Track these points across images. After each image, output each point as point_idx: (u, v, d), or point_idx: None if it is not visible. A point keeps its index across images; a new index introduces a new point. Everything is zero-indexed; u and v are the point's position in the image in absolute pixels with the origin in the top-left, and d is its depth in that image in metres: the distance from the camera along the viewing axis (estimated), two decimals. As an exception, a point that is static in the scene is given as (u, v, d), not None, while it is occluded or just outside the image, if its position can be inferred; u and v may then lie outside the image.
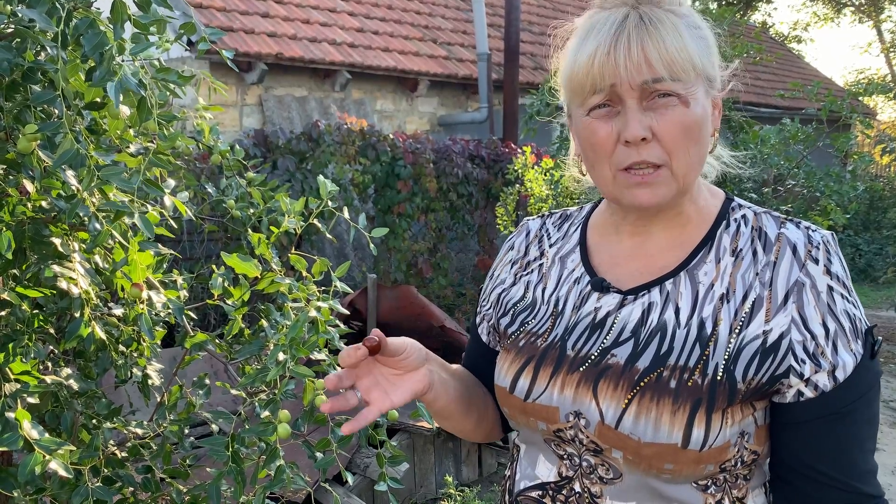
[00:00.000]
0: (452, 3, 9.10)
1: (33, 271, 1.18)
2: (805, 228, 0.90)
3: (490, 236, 6.12)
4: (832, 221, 4.30)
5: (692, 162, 0.88)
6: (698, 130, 0.87)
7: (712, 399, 0.84)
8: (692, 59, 0.85)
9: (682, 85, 0.85)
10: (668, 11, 0.87)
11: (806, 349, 0.84)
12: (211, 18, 5.99)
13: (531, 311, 1.02)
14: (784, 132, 5.19)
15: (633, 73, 0.84)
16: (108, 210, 1.08)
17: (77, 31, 1.05)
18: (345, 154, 4.89)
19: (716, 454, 0.84)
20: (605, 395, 0.88)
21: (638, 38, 0.85)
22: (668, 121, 0.85)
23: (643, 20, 0.86)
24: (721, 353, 0.86)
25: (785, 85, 11.43)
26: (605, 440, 0.88)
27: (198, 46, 1.32)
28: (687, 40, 0.86)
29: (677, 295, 0.91)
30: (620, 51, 0.85)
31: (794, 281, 0.86)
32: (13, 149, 1.22)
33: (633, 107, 0.85)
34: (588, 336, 0.94)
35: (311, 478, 2.68)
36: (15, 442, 0.98)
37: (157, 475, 1.43)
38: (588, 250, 1.02)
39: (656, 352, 0.88)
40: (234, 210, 1.72)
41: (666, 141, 0.86)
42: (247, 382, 1.18)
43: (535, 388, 0.94)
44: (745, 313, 0.87)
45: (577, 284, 0.99)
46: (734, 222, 0.94)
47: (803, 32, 23.50)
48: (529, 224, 1.12)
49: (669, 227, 0.95)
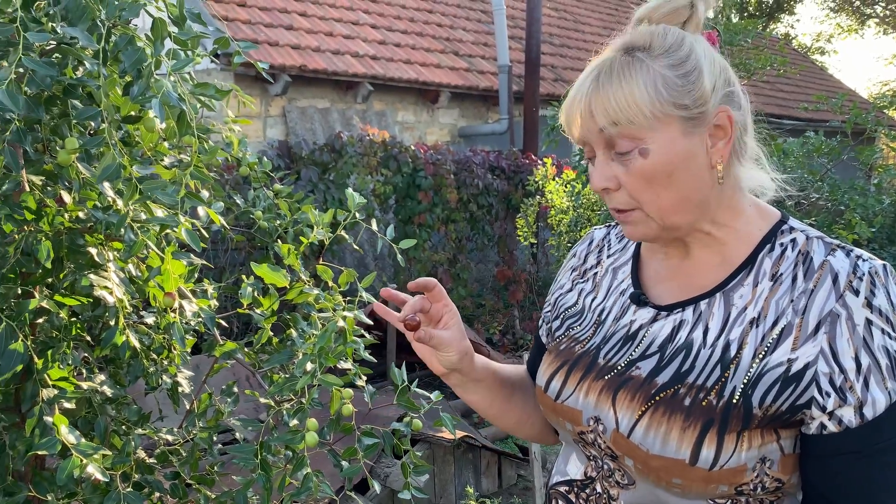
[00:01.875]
0: (474, 16, 9.16)
1: (70, 280, 1.21)
2: (855, 257, 0.87)
3: (510, 247, 6.13)
4: (857, 235, 4.26)
5: (668, 203, 0.89)
6: (665, 177, 0.87)
7: (725, 421, 0.84)
8: (638, 105, 0.85)
9: (637, 131, 0.86)
10: (645, 54, 0.88)
11: (832, 382, 0.82)
12: (236, 31, 6.09)
13: (579, 317, 1.06)
14: (807, 145, 5.15)
15: (587, 126, 0.89)
16: (144, 222, 1.11)
17: (116, 48, 1.08)
18: (367, 165, 4.93)
19: (728, 475, 0.84)
20: (623, 404, 0.91)
21: (589, 90, 0.88)
22: (629, 172, 0.88)
23: (606, 71, 0.88)
24: (741, 377, 0.86)
25: (808, 97, 11.35)
26: (619, 447, 0.91)
27: (233, 59, 1.35)
28: (637, 88, 0.85)
29: (709, 315, 0.91)
30: (575, 103, 0.90)
31: (829, 311, 0.84)
32: (52, 161, 1.26)
33: (599, 158, 0.91)
34: (620, 347, 0.97)
35: (333, 486, 2.69)
36: (53, 446, 1.01)
37: (184, 481, 1.46)
38: (640, 264, 1.05)
39: (678, 369, 0.90)
40: (262, 221, 1.75)
41: (630, 190, 0.89)
42: (276, 391, 1.20)
43: (564, 390, 0.99)
44: (773, 339, 0.86)
45: (621, 296, 1.02)
46: (780, 246, 0.92)
47: (826, 44, 23.32)
48: (594, 233, 1.15)
49: (705, 246, 0.95)
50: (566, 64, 9.17)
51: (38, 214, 1.17)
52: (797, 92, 12.44)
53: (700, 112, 0.87)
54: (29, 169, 1.21)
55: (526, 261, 6.38)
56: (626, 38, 0.92)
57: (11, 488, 1.19)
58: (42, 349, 1.16)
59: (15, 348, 1.06)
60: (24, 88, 1.05)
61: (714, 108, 0.88)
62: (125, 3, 1.07)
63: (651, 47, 0.89)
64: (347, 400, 1.31)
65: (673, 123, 0.87)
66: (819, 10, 40.92)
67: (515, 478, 3.79)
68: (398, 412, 3.07)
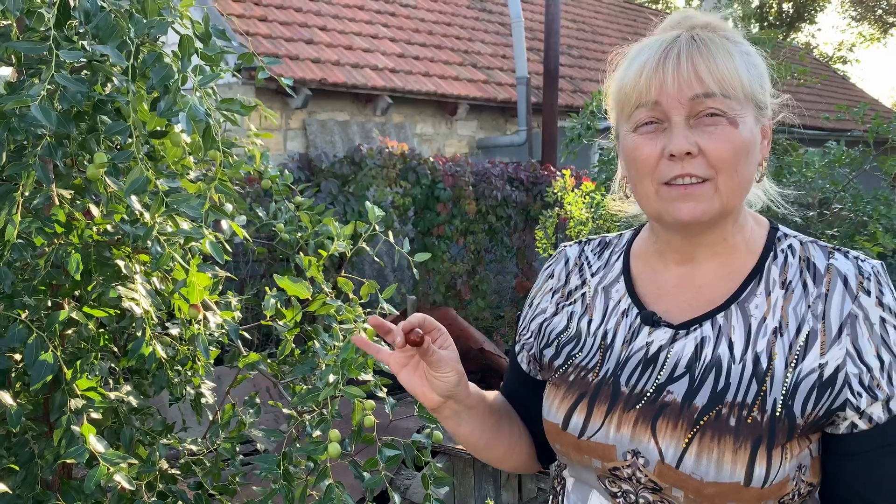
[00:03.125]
0: (492, 28, 9.21)
1: (98, 292, 1.23)
2: (854, 258, 0.89)
3: (529, 259, 6.12)
4: (881, 247, 4.20)
5: (738, 183, 0.87)
6: (745, 153, 0.86)
7: (772, 435, 0.83)
8: (742, 81, 0.86)
9: (732, 104, 0.85)
10: (722, 37, 0.88)
11: (862, 382, 0.84)
12: (257, 46, 6.17)
13: (577, 343, 1.00)
14: (829, 155, 5.10)
15: (683, 88, 0.85)
16: (170, 234, 1.13)
17: (145, 65, 1.11)
18: (386, 177, 4.96)
19: (776, 489, 0.84)
20: (665, 434, 0.87)
21: (688, 54, 0.85)
22: (716, 138, 0.85)
23: (695, 40, 0.87)
24: (779, 389, 0.85)
25: (830, 106, 11.24)
26: (665, 479, 0.87)
27: (257, 74, 1.38)
28: (738, 62, 0.86)
29: (730, 329, 0.90)
30: (669, 65, 0.85)
31: (848, 313, 0.85)
32: (80, 175, 1.29)
33: (679, 123, 0.86)
34: (641, 372, 0.92)
35: (353, 498, 2.70)
36: (82, 455, 1.03)
37: (207, 491, 1.47)
38: (633, 280, 1.00)
39: (713, 388, 0.87)
40: (283, 233, 1.77)
41: (713, 157, 0.85)
42: (299, 402, 1.21)
43: (589, 426, 0.92)
44: (800, 347, 0.86)
45: (625, 317, 0.97)
46: (781, 253, 0.92)
47: (849, 53, 23.11)
48: (567, 251, 1.09)
49: (716, 255, 0.93)
50: (584, 75, 9.18)
51: (68, 228, 1.20)
52: (819, 101, 12.33)
53: (765, 108, 0.90)
54: (59, 183, 1.23)
55: (545, 272, 6.35)
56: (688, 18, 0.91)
57: (40, 497, 1.21)
58: (71, 360, 1.19)
59: (45, 359, 1.08)
60: (55, 104, 1.07)
61: (770, 108, 0.91)
62: (153, 21, 1.10)
63: (727, 32, 0.89)
64: (370, 411, 1.32)
65: (751, 109, 0.88)
66: (840, 19, 40.62)
67: (535, 491, 3.77)
68: (417, 424, 3.07)
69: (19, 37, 1.15)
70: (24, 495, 1.21)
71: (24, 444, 1.25)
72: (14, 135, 1.06)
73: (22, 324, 1.11)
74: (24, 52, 1.05)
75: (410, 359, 0.95)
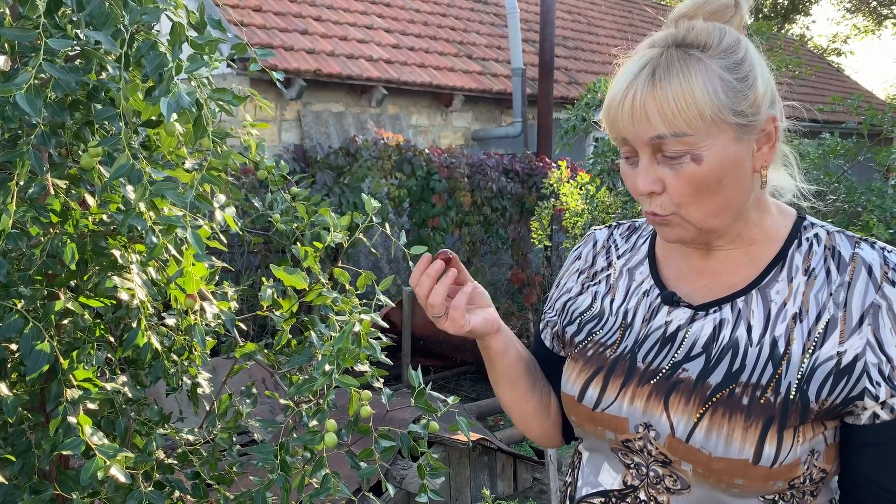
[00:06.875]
0: (487, 20, 9.18)
1: (94, 282, 1.23)
2: (881, 249, 0.89)
3: (524, 250, 6.13)
4: (875, 238, 4.22)
5: (711, 209, 0.87)
6: (715, 183, 0.85)
7: (784, 417, 0.85)
8: (701, 110, 0.82)
9: (691, 139, 0.83)
10: (702, 53, 0.85)
11: (881, 372, 0.84)
12: (251, 36, 6.13)
13: (599, 321, 1.03)
14: (823, 146, 5.12)
15: (639, 131, 0.85)
16: (161, 224, 1.13)
17: (139, 53, 1.10)
18: (381, 168, 4.96)
19: (786, 471, 0.85)
20: (677, 408, 0.89)
21: (642, 94, 0.84)
22: (678, 177, 0.85)
23: (655, 73, 0.84)
24: (794, 373, 0.86)
25: (824, 98, 11.26)
26: (675, 452, 0.89)
27: (249, 66, 1.37)
28: (700, 89, 0.82)
29: (749, 313, 0.91)
30: (626, 106, 0.85)
31: (870, 303, 0.86)
32: (75, 164, 1.28)
33: (644, 162, 0.87)
34: (659, 349, 0.95)
35: (350, 487, 2.71)
36: (78, 447, 1.03)
37: (204, 481, 1.47)
38: (657, 263, 1.02)
39: (728, 368, 0.89)
40: (280, 224, 1.77)
41: (674, 196, 0.87)
42: (295, 392, 1.22)
43: (604, 398, 0.96)
44: (819, 334, 0.87)
45: (646, 297, 1.00)
46: (806, 241, 0.93)
47: (843, 45, 23.14)
48: (596, 234, 1.12)
49: (731, 244, 0.95)
50: (580, 67, 9.16)
51: (63, 217, 1.19)
52: (813, 94, 12.35)
53: (753, 119, 0.86)
54: (53, 172, 1.23)
55: (540, 264, 6.38)
56: (674, 34, 0.87)
57: (38, 486, 1.21)
58: (67, 350, 1.18)
59: (41, 349, 1.08)
60: (48, 93, 1.07)
61: (765, 115, 0.87)
62: (146, 7, 1.09)
63: (707, 46, 0.85)
64: (366, 401, 1.32)
65: (727, 129, 0.84)
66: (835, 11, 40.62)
67: (531, 481, 3.78)
68: (414, 414, 3.08)
69: (12, 24, 1.14)
70: (22, 485, 1.21)
71: (21, 434, 1.25)
72: (8, 123, 1.05)
73: (18, 314, 1.10)
74: (14, 39, 1.04)
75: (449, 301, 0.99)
